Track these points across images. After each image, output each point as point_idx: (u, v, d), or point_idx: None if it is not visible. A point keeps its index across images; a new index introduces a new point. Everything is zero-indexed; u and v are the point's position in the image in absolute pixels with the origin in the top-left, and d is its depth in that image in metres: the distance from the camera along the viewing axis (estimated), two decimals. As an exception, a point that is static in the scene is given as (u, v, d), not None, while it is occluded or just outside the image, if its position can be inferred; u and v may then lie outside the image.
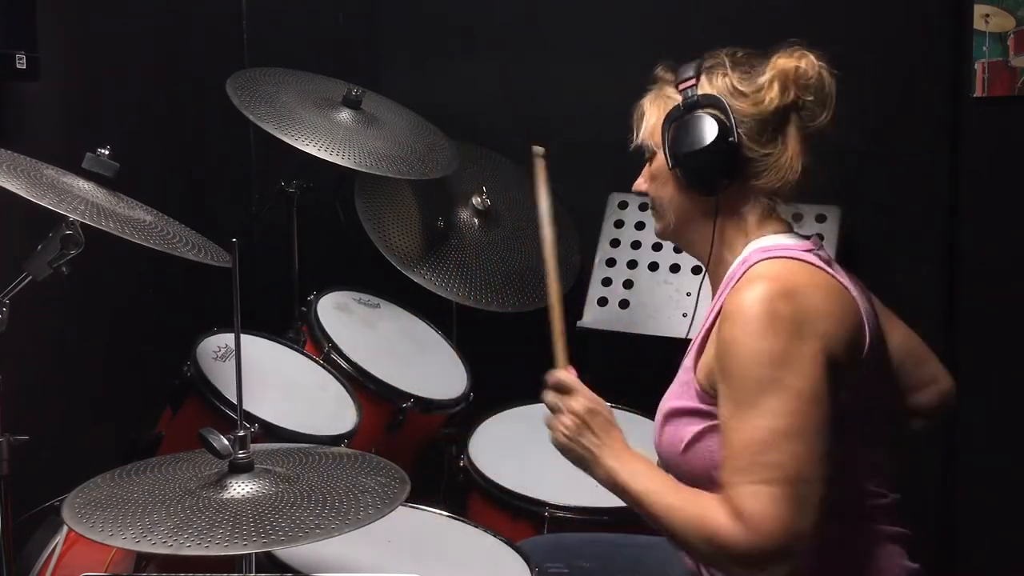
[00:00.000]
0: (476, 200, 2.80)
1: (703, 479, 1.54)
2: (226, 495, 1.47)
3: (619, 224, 2.78)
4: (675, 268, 2.68)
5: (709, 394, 1.55)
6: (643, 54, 3.01)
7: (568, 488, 2.19)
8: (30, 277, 1.68)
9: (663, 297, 2.66)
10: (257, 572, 1.58)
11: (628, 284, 2.70)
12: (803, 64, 1.59)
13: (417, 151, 2.61)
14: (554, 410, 1.66)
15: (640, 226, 2.76)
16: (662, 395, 1.67)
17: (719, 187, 1.62)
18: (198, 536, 1.36)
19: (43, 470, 1.86)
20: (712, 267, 1.70)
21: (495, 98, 3.05)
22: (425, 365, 2.58)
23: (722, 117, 1.60)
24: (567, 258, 2.87)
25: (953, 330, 2.61)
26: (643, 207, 2.78)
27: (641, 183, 1.76)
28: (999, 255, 2.60)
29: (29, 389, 1.91)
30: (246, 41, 2.88)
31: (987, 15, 2.55)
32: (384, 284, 2.69)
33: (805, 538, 1.42)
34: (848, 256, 2.55)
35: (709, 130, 1.59)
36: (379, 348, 2.51)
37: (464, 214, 2.80)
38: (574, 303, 2.72)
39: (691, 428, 1.57)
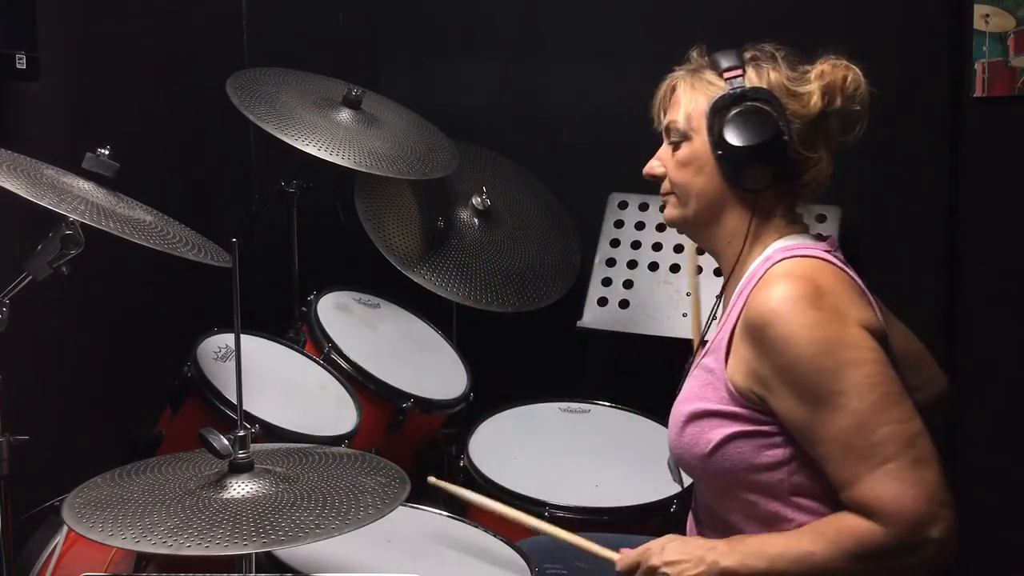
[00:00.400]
0: (476, 200, 2.80)
1: (727, 480, 1.56)
2: (226, 495, 1.47)
3: (619, 224, 2.78)
4: (675, 268, 2.68)
5: (747, 398, 1.53)
6: (643, 54, 3.01)
7: (568, 488, 2.19)
8: (30, 277, 1.68)
9: (663, 297, 2.66)
10: (257, 572, 1.58)
11: (628, 284, 2.70)
12: (851, 76, 1.60)
13: (417, 151, 2.61)
14: None
15: (640, 226, 2.76)
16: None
17: (764, 184, 1.61)
18: (198, 536, 1.36)
19: (43, 470, 1.86)
20: (733, 263, 1.67)
21: (495, 98, 3.05)
22: (425, 365, 2.58)
23: (775, 114, 1.58)
24: (567, 257, 2.88)
25: (953, 330, 2.61)
26: (643, 207, 2.78)
27: (656, 167, 1.72)
28: (999, 255, 2.60)
29: (29, 389, 1.91)
30: (246, 41, 2.88)
31: (987, 15, 2.55)
32: (384, 284, 2.69)
33: (940, 493, 1.43)
34: (848, 256, 2.55)
35: (766, 125, 1.58)
36: (379, 348, 2.51)
37: (464, 214, 2.80)
38: (574, 303, 2.73)
39: (720, 431, 1.55)
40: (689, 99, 1.65)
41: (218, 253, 1.86)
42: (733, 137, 1.58)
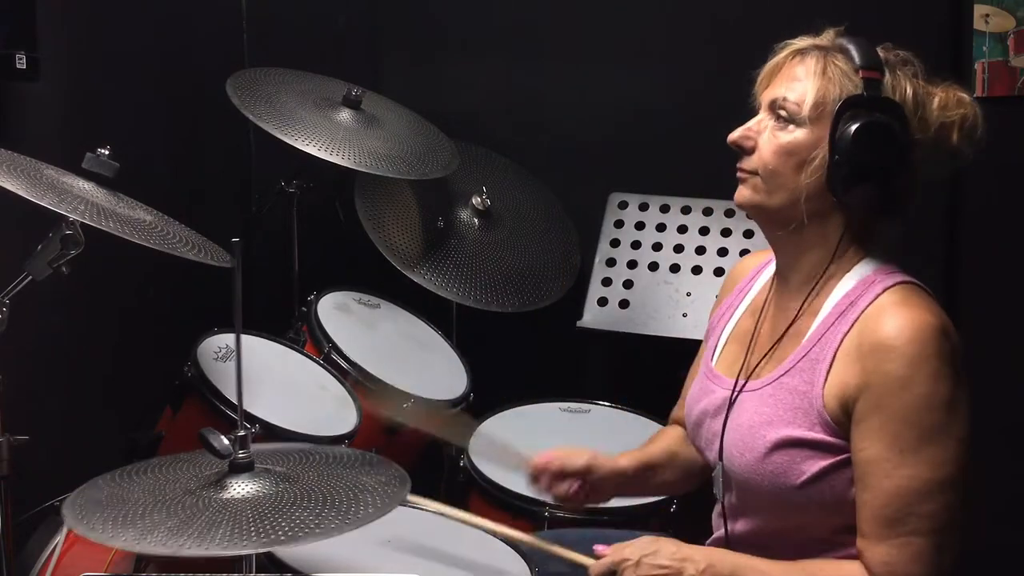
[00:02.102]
0: (476, 200, 2.80)
1: (814, 511, 1.50)
2: (226, 495, 1.47)
3: (619, 224, 2.78)
4: (675, 268, 2.68)
5: (842, 426, 1.46)
6: (643, 54, 3.02)
7: (568, 488, 2.19)
8: (30, 277, 1.68)
9: (663, 297, 2.66)
10: (257, 572, 1.58)
11: (628, 284, 2.70)
12: (971, 114, 1.51)
13: (417, 151, 2.61)
14: None
15: (640, 226, 2.76)
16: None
17: (869, 204, 1.49)
18: (198, 536, 1.36)
19: (43, 470, 1.86)
20: (810, 274, 1.55)
21: (495, 98, 3.05)
22: (425, 365, 2.58)
23: (903, 134, 1.46)
24: (567, 257, 2.88)
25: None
26: (643, 207, 2.78)
27: (747, 139, 1.54)
28: (999, 255, 2.60)
29: (29, 389, 1.91)
30: (246, 41, 2.88)
31: (987, 15, 2.55)
32: (384, 284, 2.69)
33: None
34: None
35: (894, 145, 1.45)
36: (379, 348, 2.51)
37: (464, 214, 2.80)
38: (574, 303, 2.73)
39: (816, 463, 1.47)
40: (819, 85, 1.49)
41: (218, 253, 1.86)
42: (858, 147, 1.44)
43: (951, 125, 1.50)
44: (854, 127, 1.45)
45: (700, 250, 2.69)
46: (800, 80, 1.51)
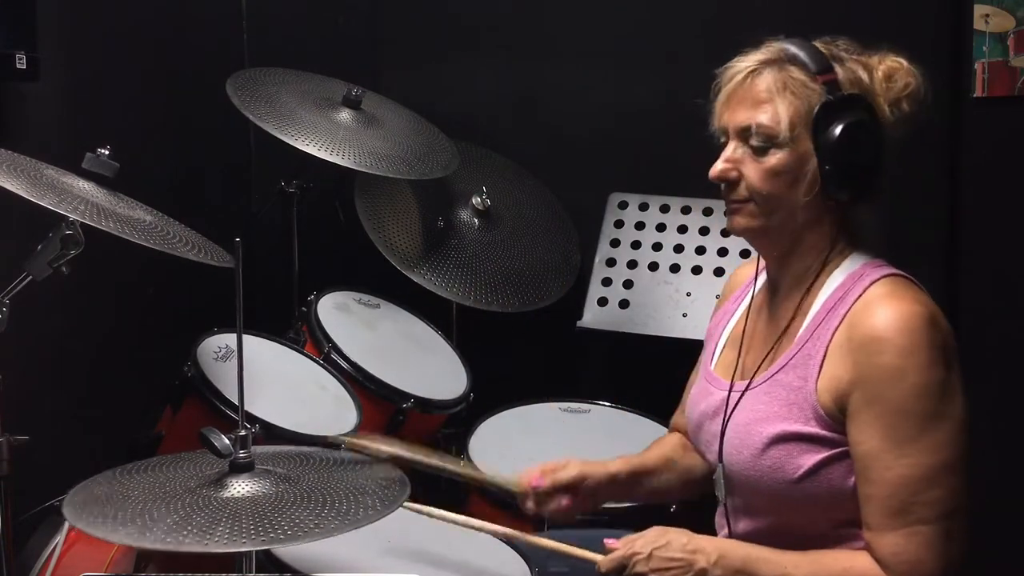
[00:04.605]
0: (476, 200, 2.80)
1: (812, 505, 1.51)
2: (226, 495, 1.47)
3: (619, 224, 2.78)
4: (675, 268, 2.68)
5: (836, 420, 1.47)
6: (643, 54, 3.02)
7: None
8: (30, 277, 1.68)
9: (663, 297, 2.66)
10: (257, 572, 1.58)
11: (628, 284, 2.70)
12: (914, 78, 1.53)
13: (417, 151, 2.61)
14: None
15: (640, 226, 2.76)
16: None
17: (862, 199, 1.52)
18: (198, 533, 1.36)
19: (43, 470, 1.86)
20: (800, 274, 1.57)
21: (495, 98, 3.05)
22: (425, 365, 2.58)
23: (875, 124, 1.50)
24: (567, 257, 2.88)
25: (953, 330, 2.61)
26: (643, 207, 2.78)
27: (730, 171, 1.54)
28: (999, 255, 2.60)
29: (29, 389, 1.91)
30: (246, 41, 2.88)
31: (987, 15, 2.55)
32: (384, 284, 2.69)
33: (954, 569, 1.43)
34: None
35: (873, 137, 1.49)
36: (379, 348, 2.51)
37: (464, 214, 2.80)
38: (574, 303, 2.73)
39: (812, 456, 1.49)
40: (785, 102, 1.50)
41: (218, 253, 1.86)
42: (845, 150, 1.47)
43: (900, 94, 1.52)
44: (836, 133, 1.47)
45: (700, 250, 2.69)
46: (765, 102, 1.51)
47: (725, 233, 2.69)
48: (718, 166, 1.56)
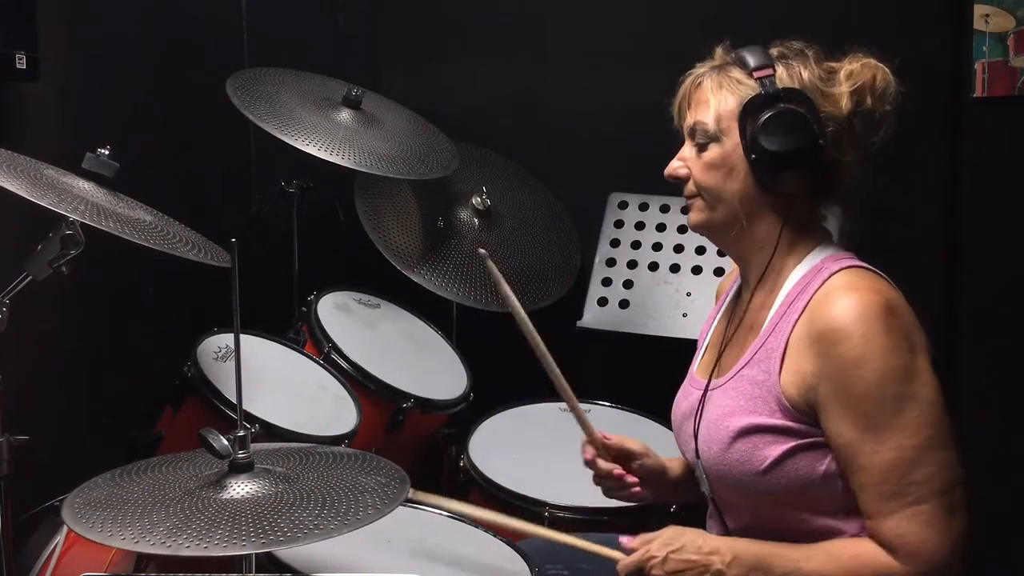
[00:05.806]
0: (476, 200, 2.80)
1: (781, 496, 1.53)
2: (226, 495, 1.47)
3: (619, 224, 2.78)
4: (675, 268, 2.68)
5: (801, 410, 1.50)
6: (643, 54, 3.02)
7: (568, 488, 2.19)
8: (30, 277, 1.67)
9: (663, 297, 2.66)
10: (257, 572, 1.58)
11: (628, 284, 2.70)
12: (879, 75, 1.56)
13: (417, 151, 2.61)
14: None
15: (640, 226, 2.76)
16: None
17: (799, 189, 1.56)
18: (197, 536, 1.36)
19: (43, 470, 1.86)
20: (763, 269, 1.61)
21: (495, 98, 3.05)
22: (425, 365, 2.58)
23: (810, 117, 1.53)
24: (567, 257, 2.88)
25: (953, 330, 2.61)
26: (643, 207, 2.78)
27: (679, 168, 1.64)
28: (999, 255, 2.60)
29: (29, 389, 1.91)
30: (246, 41, 2.88)
31: (987, 15, 2.55)
32: (384, 284, 2.69)
33: (963, 542, 1.44)
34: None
35: (802, 128, 1.52)
36: (379, 348, 2.51)
37: (464, 214, 2.80)
38: (574, 303, 2.73)
39: (776, 447, 1.51)
40: (720, 99, 1.58)
41: (218, 253, 1.86)
42: (769, 141, 1.52)
43: (862, 90, 1.56)
44: (759, 123, 1.53)
45: (700, 250, 2.69)
46: (704, 102, 1.60)
47: (725, 233, 2.69)
48: (670, 165, 1.67)
